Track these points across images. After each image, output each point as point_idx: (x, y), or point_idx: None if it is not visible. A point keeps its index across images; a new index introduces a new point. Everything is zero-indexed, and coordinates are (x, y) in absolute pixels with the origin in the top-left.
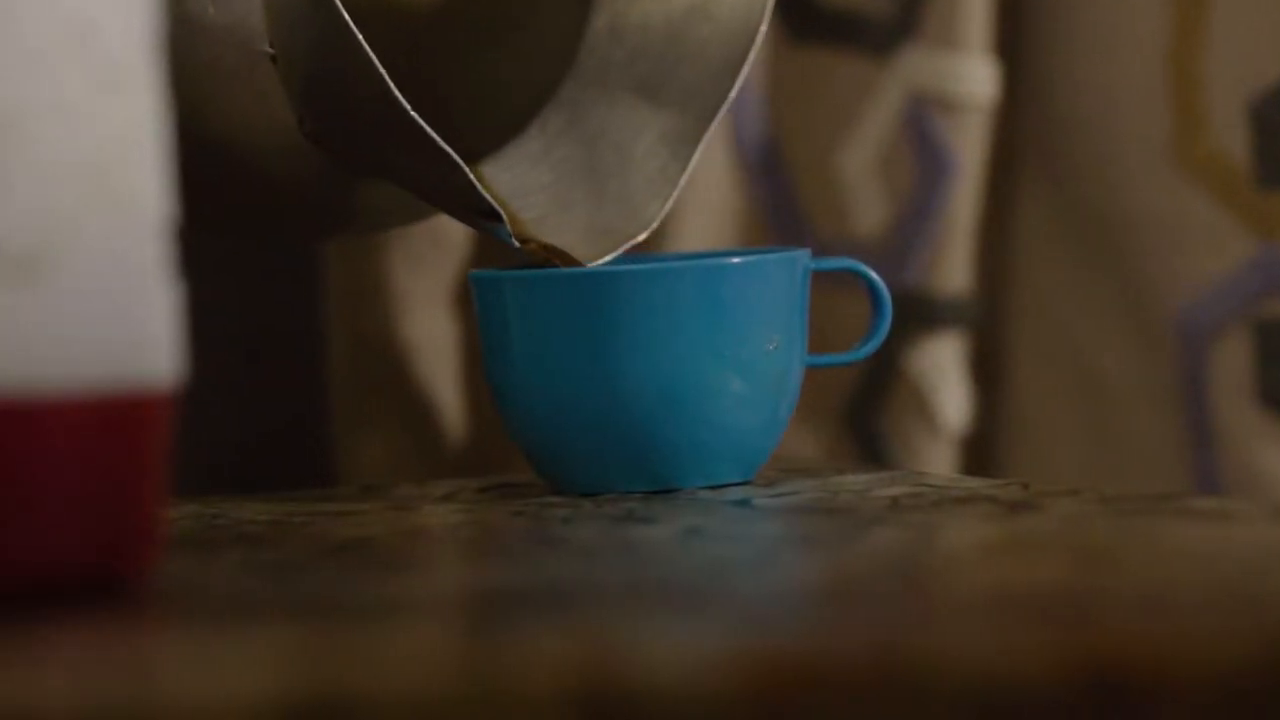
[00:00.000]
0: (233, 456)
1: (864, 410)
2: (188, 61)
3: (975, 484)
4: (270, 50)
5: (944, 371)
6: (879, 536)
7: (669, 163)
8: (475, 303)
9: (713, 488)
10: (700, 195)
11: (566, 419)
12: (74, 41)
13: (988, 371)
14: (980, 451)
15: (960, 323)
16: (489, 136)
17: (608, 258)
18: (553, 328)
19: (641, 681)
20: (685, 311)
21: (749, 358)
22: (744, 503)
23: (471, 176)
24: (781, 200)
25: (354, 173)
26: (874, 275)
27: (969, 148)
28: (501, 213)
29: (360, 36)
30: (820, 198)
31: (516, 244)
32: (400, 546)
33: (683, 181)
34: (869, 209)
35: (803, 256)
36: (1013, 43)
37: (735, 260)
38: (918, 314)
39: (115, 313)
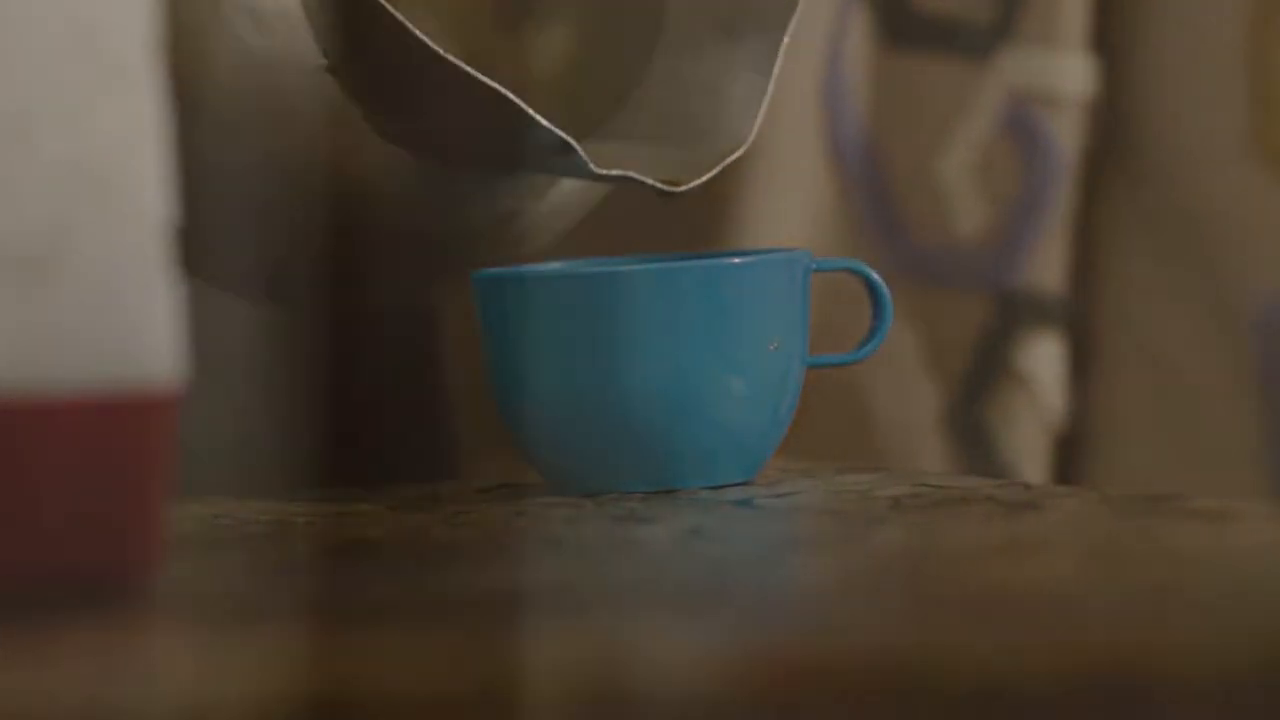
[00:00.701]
0: (373, 471)
1: (970, 410)
2: (249, 92)
3: (976, 484)
4: (325, 61)
5: (1047, 369)
6: (880, 537)
7: (755, 79)
8: (476, 303)
9: (714, 488)
10: (797, 200)
11: (567, 419)
12: (75, 42)
13: (1076, 369)
14: (1066, 449)
15: (1060, 320)
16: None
17: (703, 179)
18: (554, 328)
19: (642, 681)
20: (687, 312)
21: (750, 358)
22: (745, 503)
23: (532, 112)
24: (879, 204)
25: (438, 163)
26: (874, 275)
27: (1067, 144)
28: (573, 143)
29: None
30: (920, 201)
31: (596, 171)
32: (401, 547)
33: (770, 90)
34: (970, 211)
35: (803, 256)
36: (1098, 38)
37: (736, 260)
38: (1025, 313)
39: (115, 313)
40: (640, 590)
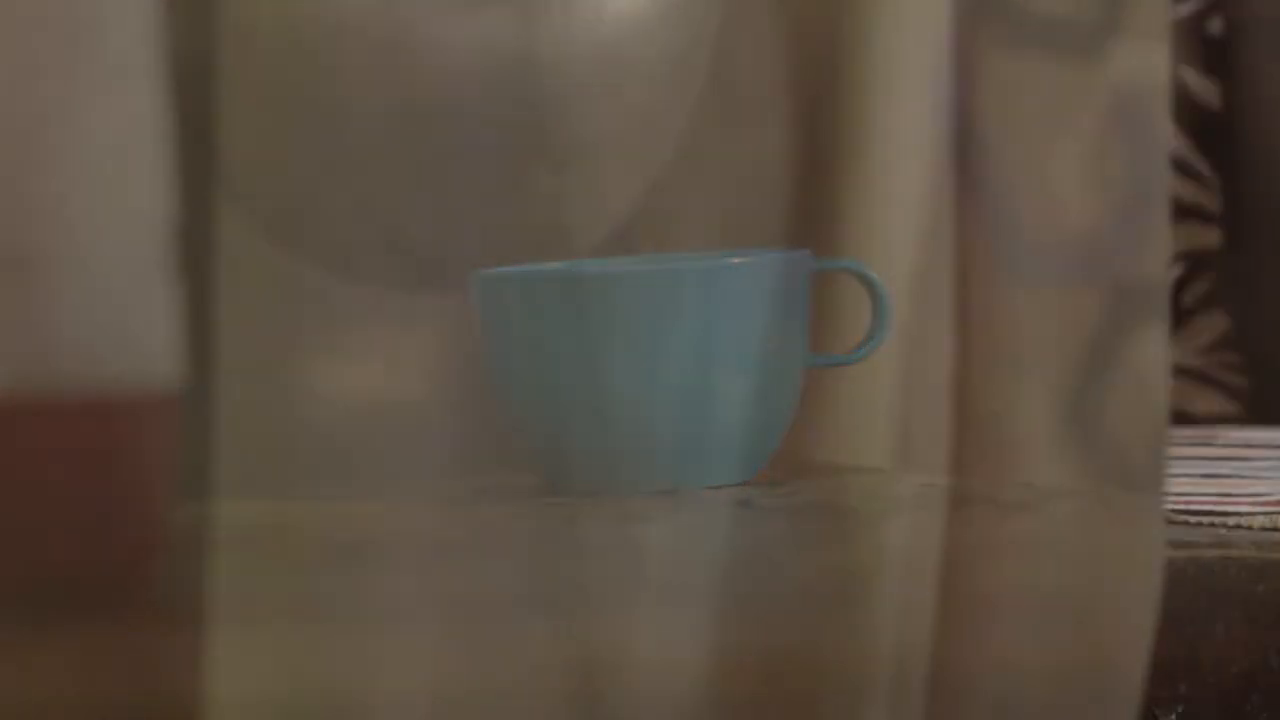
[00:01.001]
0: None
1: (1084, 405)
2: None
3: (976, 484)
4: None
5: (1157, 363)
6: (880, 536)
7: None
8: (476, 303)
9: (714, 488)
10: (908, 201)
11: (567, 419)
12: (75, 41)
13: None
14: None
15: (1167, 312)
16: None
17: None
18: (553, 328)
19: (641, 681)
20: (686, 312)
21: (749, 358)
22: (745, 503)
23: None
24: (990, 202)
25: None
26: (873, 275)
27: (1172, 137)
28: None
29: None
30: (1034, 198)
31: None
32: (400, 547)
33: None
34: (1081, 207)
35: (803, 257)
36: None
37: (735, 261)
38: (1136, 307)
39: (115, 313)
40: (640, 590)
